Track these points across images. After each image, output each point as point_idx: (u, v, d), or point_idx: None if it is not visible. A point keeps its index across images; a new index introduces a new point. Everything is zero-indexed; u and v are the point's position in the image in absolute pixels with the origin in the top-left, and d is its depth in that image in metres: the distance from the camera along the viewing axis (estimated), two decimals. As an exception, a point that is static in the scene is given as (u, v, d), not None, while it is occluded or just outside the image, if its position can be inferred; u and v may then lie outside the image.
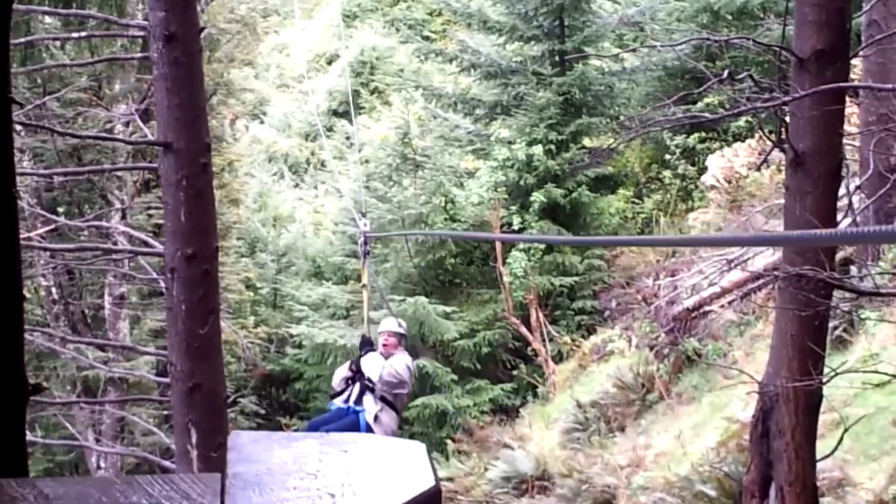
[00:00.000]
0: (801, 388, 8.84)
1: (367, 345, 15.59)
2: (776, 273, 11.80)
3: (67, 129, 18.02)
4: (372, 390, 14.61)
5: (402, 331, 15.53)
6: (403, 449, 2.39)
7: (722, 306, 21.08)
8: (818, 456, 9.13)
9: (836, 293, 10.81)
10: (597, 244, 27.65)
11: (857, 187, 14.43)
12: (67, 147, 21.08)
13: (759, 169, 23.04)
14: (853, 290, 11.61)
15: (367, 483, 2.21)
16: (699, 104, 24.82)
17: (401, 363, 14.84)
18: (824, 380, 9.27)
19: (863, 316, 17.00)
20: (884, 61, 16.64)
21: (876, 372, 9.37)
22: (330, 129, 43.34)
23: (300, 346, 28.44)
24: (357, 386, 14.67)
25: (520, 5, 28.92)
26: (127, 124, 21.52)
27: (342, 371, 15.06)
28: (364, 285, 16.72)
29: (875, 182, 14.77)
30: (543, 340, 25.45)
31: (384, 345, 15.18)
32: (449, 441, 23.61)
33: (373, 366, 14.77)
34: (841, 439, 10.20)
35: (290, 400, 30.15)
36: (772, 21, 19.36)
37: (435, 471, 2.19)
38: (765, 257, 19.59)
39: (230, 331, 23.80)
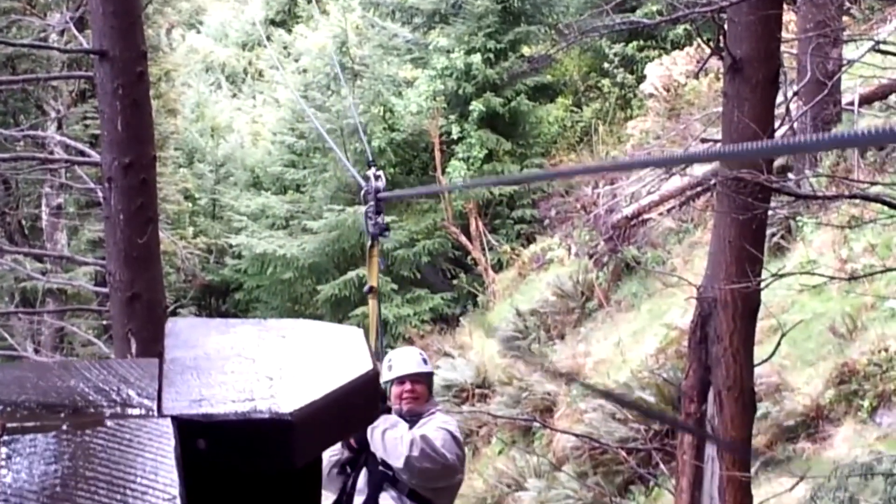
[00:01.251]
0: (739, 293, 8.89)
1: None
2: (714, 180, 11.84)
3: (1, 38, 17.84)
4: (394, 482, 8.82)
5: (428, 369, 9.37)
6: (342, 334, 2.39)
7: (661, 214, 21.18)
8: (756, 361, 9.20)
9: (774, 199, 10.87)
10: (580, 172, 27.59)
11: (795, 94, 14.48)
12: (1, 56, 20.89)
13: (697, 77, 23.05)
14: (791, 193, 11.68)
15: (306, 367, 2.22)
16: (637, 11, 24.77)
17: (440, 433, 8.77)
18: (762, 285, 9.33)
19: (800, 223, 17.13)
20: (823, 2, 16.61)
21: (812, 274, 9.43)
22: (268, 39, 43.04)
23: (239, 256, 28.42)
24: (364, 475, 8.87)
25: None
26: (62, 33, 21.28)
27: (330, 451, 8.64)
28: (373, 290, 9.87)
29: (812, 88, 14.85)
30: (483, 249, 25.50)
31: (405, 398, 8.99)
32: (389, 350, 23.63)
33: (392, 441, 8.62)
34: (778, 344, 10.28)
35: (229, 310, 30.11)
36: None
37: (373, 356, 2.20)
38: (703, 165, 19.65)
39: (169, 241, 23.70)
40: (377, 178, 9.71)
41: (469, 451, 18.85)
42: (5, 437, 1.85)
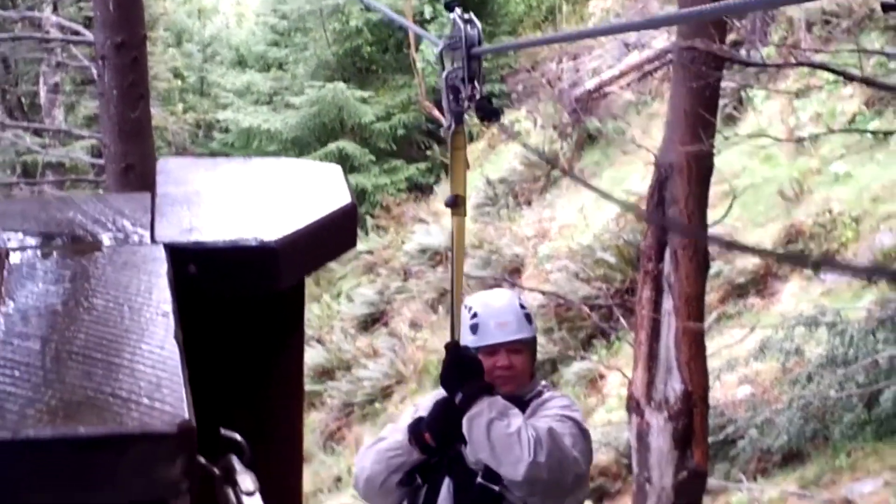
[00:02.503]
0: (694, 158, 8.90)
1: (461, 371, 5.63)
2: (671, 54, 11.81)
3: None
4: (498, 500, 5.57)
5: (532, 331, 5.89)
6: (322, 170, 2.40)
7: (621, 87, 21.17)
8: (709, 223, 9.24)
9: (726, 70, 10.86)
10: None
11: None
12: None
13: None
14: (742, 62, 11.67)
15: (289, 199, 2.23)
16: None
17: (567, 426, 5.61)
18: (715, 150, 9.34)
19: (751, 94, 17.12)
20: None
21: (764, 136, 9.45)
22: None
23: (226, 130, 28.31)
24: (448, 490, 5.62)
25: None
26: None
27: (388, 445, 5.68)
28: (458, 200, 5.53)
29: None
30: (454, 123, 25.44)
31: (498, 375, 5.69)
32: (368, 217, 23.69)
33: (505, 439, 5.34)
34: (730, 207, 10.32)
35: (218, 182, 30.03)
36: None
37: (351, 190, 2.21)
38: (661, 40, 19.61)
39: (160, 117, 23.59)
40: (469, 22, 5.22)
41: (443, 310, 18.98)
42: (10, 262, 1.86)
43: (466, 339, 5.73)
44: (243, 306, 2.02)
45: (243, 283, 1.98)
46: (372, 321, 20.62)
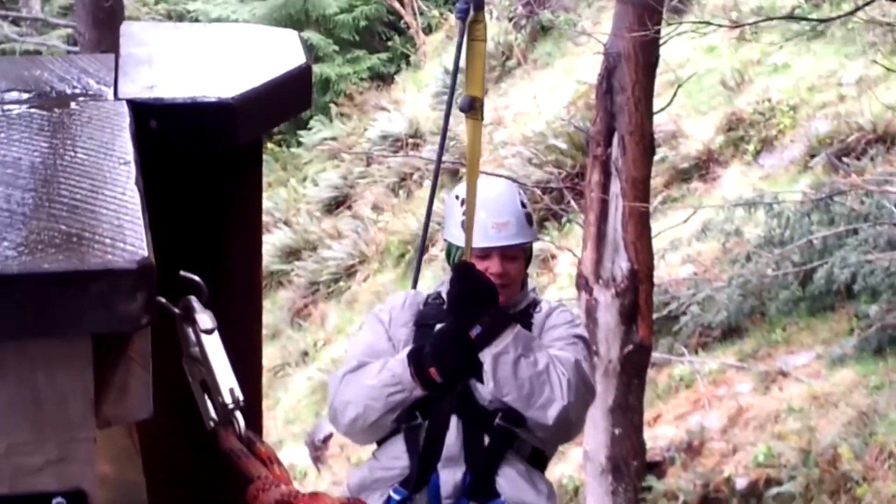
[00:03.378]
0: (640, 47, 8.89)
1: (478, 299, 4.63)
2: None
3: None
4: (517, 445, 4.74)
5: (531, 234, 4.93)
6: (278, 35, 2.39)
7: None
8: (655, 110, 9.24)
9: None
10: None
11: None
12: None
13: None
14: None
15: (246, 60, 2.22)
16: None
17: (580, 349, 4.80)
18: (661, 40, 9.32)
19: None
20: None
21: (707, 23, 9.43)
22: None
23: (196, 20, 28.04)
24: (457, 430, 4.68)
25: None
26: None
27: (385, 380, 4.63)
28: (475, 103, 4.58)
29: None
30: (415, 14, 25.30)
31: (492, 279, 4.68)
32: (332, 105, 23.59)
33: (535, 380, 4.54)
34: (675, 95, 10.32)
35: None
36: None
37: (307, 53, 2.21)
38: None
39: (133, 7, 23.41)
40: None
41: (404, 194, 18.99)
42: (-22, 115, 1.85)
43: (454, 235, 4.83)
44: (204, 161, 2.03)
45: (203, 138, 1.98)
46: (336, 204, 20.59)
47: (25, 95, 1.96)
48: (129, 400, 1.58)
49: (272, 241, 19.32)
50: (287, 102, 2.17)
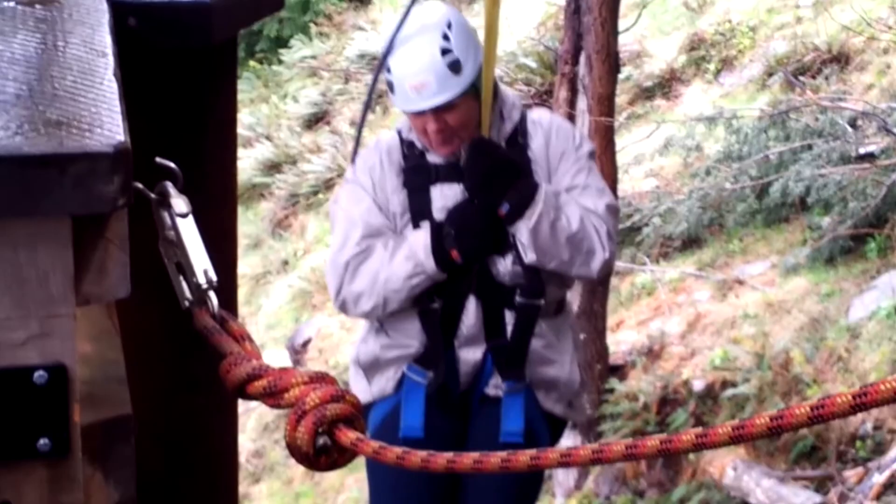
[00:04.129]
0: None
1: (501, 174, 4.29)
2: None
3: None
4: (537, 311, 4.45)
5: (464, 81, 4.22)
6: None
7: None
8: (620, 30, 9.20)
9: None
10: None
11: None
12: None
13: None
14: None
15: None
16: None
17: (594, 173, 4.51)
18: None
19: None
20: None
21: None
22: None
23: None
24: (476, 310, 4.41)
25: None
26: None
27: (407, 271, 4.31)
28: None
29: None
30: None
31: (435, 140, 4.31)
32: (312, 24, 23.43)
33: (574, 239, 4.29)
34: (639, 16, 10.31)
35: None
36: None
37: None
38: None
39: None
40: None
41: (380, 110, 18.92)
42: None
43: (391, 97, 4.43)
44: (181, 56, 2.03)
45: (179, 35, 1.99)
46: (315, 120, 20.50)
47: (8, -6, 1.96)
48: (107, 279, 1.59)
49: (254, 156, 19.27)
50: (260, 2, 2.18)
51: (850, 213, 9.05)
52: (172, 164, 1.81)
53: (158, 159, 1.82)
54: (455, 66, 4.17)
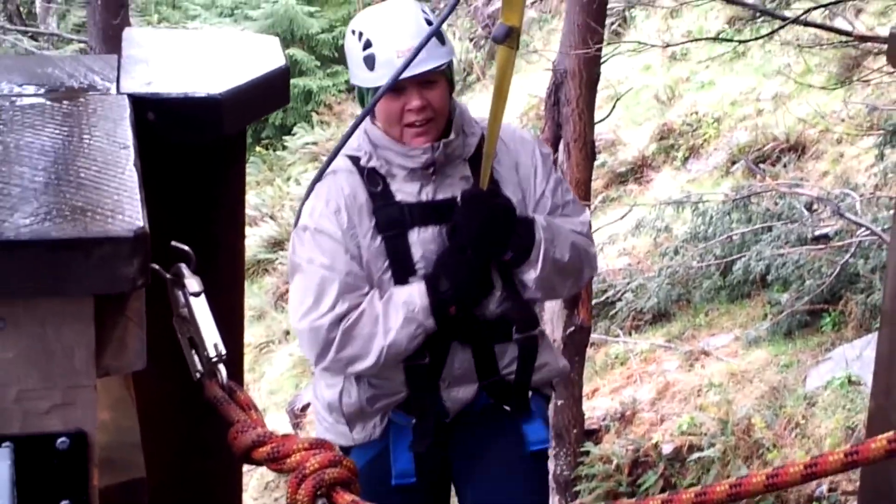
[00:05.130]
0: (584, 65, 8.89)
1: (502, 225, 3.81)
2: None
3: None
4: (534, 341, 4.07)
5: (446, 57, 3.81)
6: (261, 40, 2.41)
7: (526, 7, 21.09)
8: (596, 120, 9.25)
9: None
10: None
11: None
12: None
13: None
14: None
15: (232, 61, 2.24)
16: None
17: (564, 184, 4.14)
18: (602, 59, 9.35)
19: (633, 13, 17.16)
20: None
21: (643, 43, 9.44)
22: None
23: (194, 38, 27.98)
24: (462, 354, 3.99)
25: None
26: None
27: (407, 331, 3.78)
28: (512, 33, 3.50)
29: None
30: (387, 35, 25.34)
31: (412, 115, 3.76)
32: (314, 113, 23.57)
33: (564, 269, 3.94)
34: (613, 107, 10.33)
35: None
36: None
37: (286, 57, 2.23)
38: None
39: (138, 24, 23.23)
40: None
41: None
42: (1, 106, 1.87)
43: (359, 77, 3.82)
44: (195, 148, 2.05)
45: (194, 128, 2.01)
46: (316, 200, 20.59)
47: (39, 89, 1.98)
48: (125, 353, 1.60)
49: (259, 234, 19.27)
50: (268, 98, 2.20)
51: (806, 290, 9.08)
52: (186, 247, 1.83)
53: (174, 243, 1.83)
54: (440, 37, 3.73)
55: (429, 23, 3.74)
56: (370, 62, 3.75)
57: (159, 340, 1.78)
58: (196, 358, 1.87)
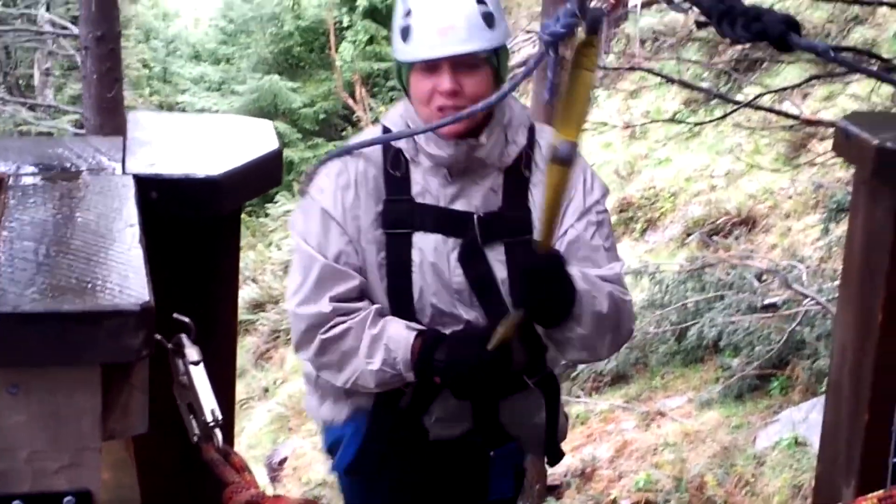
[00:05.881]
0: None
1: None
2: (532, 61, 11.81)
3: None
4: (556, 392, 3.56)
5: (491, 43, 3.12)
6: (256, 124, 2.44)
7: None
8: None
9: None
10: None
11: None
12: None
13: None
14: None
15: (230, 144, 2.27)
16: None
17: (604, 228, 3.30)
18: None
19: (596, 93, 17.29)
20: None
21: (605, 124, 9.54)
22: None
23: (184, 111, 28.01)
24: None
25: None
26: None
27: (382, 373, 3.17)
28: (571, 153, 2.83)
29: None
30: (365, 110, 25.41)
31: (442, 98, 3.11)
32: (295, 183, 23.60)
33: (611, 310, 3.15)
34: (577, 182, 10.38)
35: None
36: None
37: (279, 139, 2.26)
38: (527, 48, 19.66)
39: (131, 98, 23.29)
40: None
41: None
42: (12, 185, 1.89)
43: (396, 48, 3.20)
44: (194, 224, 2.08)
45: (193, 207, 2.04)
46: (295, 265, 20.57)
47: (50, 171, 2.01)
48: (129, 417, 1.62)
49: (242, 295, 19.21)
50: (262, 179, 2.24)
51: (756, 356, 9.12)
52: (187, 319, 1.85)
53: (176, 315, 1.85)
54: (489, 19, 3.10)
55: (481, 2, 3.11)
56: (406, 33, 3.12)
57: (159, 405, 1.79)
58: (194, 422, 1.89)
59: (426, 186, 3.22)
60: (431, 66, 3.09)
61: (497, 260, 3.22)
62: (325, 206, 3.26)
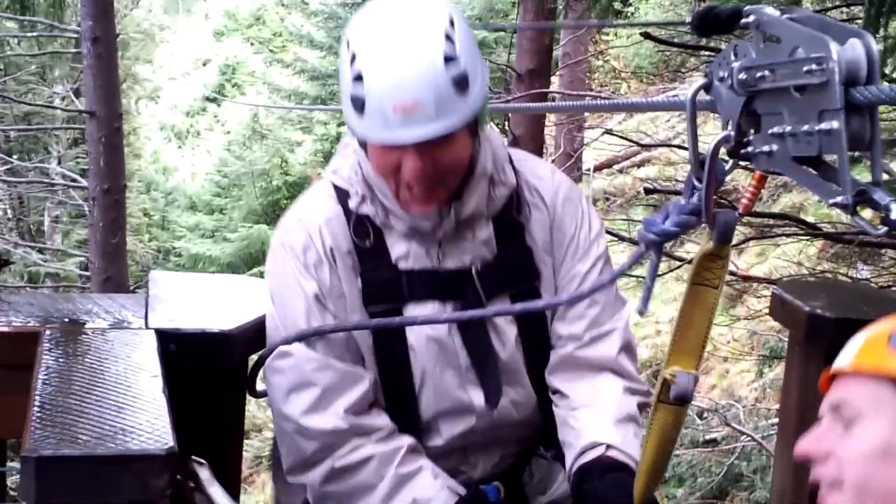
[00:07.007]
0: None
1: None
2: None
3: (22, 100, 17.69)
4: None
5: (464, 115, 2.19)
6: (260, 284, 2.50)
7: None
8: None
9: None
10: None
11: (552, 161, 14.77)
12: (21, 112, 20.55)
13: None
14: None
15: (239, 301, 2.32)
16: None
17: (608, 265, 2.63)
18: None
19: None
20: (572, 79, 17.04)
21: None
22: (203, 110, 42.74)
23: (180, 255, 28.02)
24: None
25: (336, 31, 28.68)
26: (63, 98, 20.93)
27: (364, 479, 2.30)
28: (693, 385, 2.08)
29: (562, 158, 15.21)
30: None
31: (412, 194, 2.28)
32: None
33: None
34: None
35: (170, 292, 29.62)
36: (501, 49, 19.50)
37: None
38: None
39: (132, 243, 23.33)
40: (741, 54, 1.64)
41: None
42: (47, 334, 1.94)
43: (347, 115, 2.28)
44: (209, 373, 2.12)
45: (208, 358, 2.08)
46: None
47: (80, 324, 2.06)
48: (150, 550, 1.65)
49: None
50: (265, 333, 2.28)
51: (698, 487, 9.11)
52: (203, 461, 1.89)
53: (194, 458, 1.89)
54: (461, 82, 2.20)
55: (450, 59, 2.19)
56: (358, 105, 2.21)
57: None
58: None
59: (406, 252, 2.43)
60: (393, 147, 2.25)
61: (505, 321, 2.50)
62: (305, 290, 2.32)
